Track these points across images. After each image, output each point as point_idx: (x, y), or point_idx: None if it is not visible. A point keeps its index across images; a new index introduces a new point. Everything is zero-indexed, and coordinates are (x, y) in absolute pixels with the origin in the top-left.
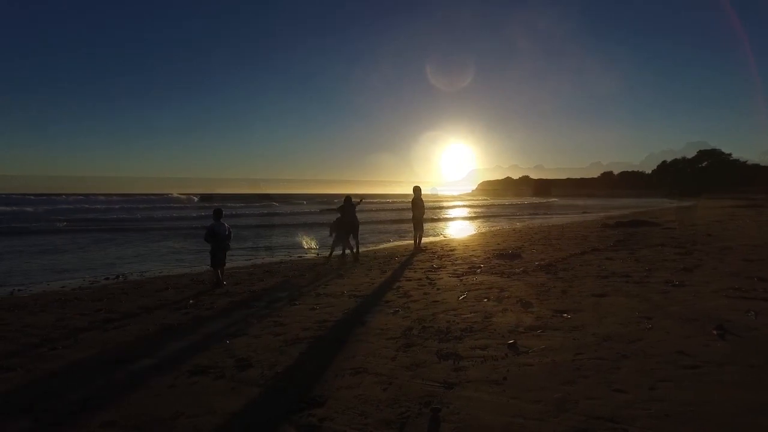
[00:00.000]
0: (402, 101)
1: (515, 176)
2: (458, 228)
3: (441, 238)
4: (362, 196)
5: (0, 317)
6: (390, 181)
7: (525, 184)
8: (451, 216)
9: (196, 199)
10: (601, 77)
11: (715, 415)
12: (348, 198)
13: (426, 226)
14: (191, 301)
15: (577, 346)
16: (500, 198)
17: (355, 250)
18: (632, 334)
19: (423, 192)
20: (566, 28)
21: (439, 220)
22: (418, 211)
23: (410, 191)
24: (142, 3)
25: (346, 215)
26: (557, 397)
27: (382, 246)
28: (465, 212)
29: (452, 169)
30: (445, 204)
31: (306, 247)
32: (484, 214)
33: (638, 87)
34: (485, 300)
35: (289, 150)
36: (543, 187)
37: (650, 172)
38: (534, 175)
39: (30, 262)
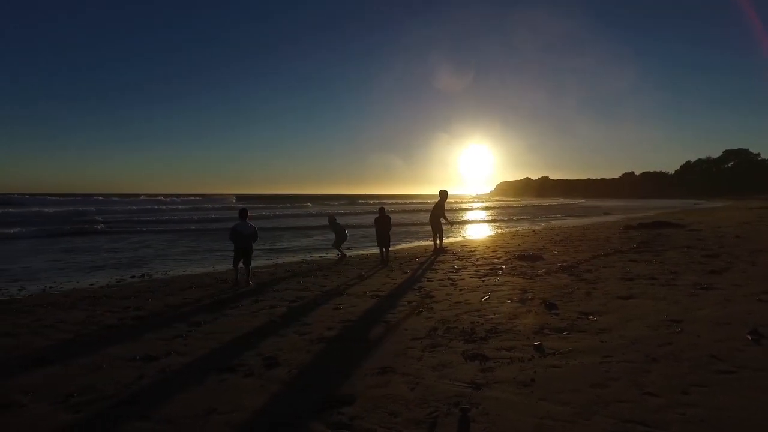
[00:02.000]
0: (417, 103)
1: (534, 177)
2: (478, 229)
3: (461, 238)
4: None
5: (35, 313)
6: (406, 181)
7: (545, 185)
8: (471, 217)
9: (233, 199)
10: (632, 80)
11: (753, 422)
12: (382, 209)
13: (444, 226)
14: (216, 300)
15: (604, 349)
16: (520, 199)
17: (386, 254)
18: (661, 337)
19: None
20: (593, 30)
21: (458, 221)
22: (437, 211)
23: (423, 191)
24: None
25: (380, 226)
26: (587, 399)
27: (401, 246)
28: (484, 214)
29: (470, 169)
30: (463, 205)
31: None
32: (503, 215)
33: (672, 91)
34: (508, 301)
35: (311, 153)
36: (563, 188)
37: (673, 172)
38: (554, 177)
39: (59, 261)
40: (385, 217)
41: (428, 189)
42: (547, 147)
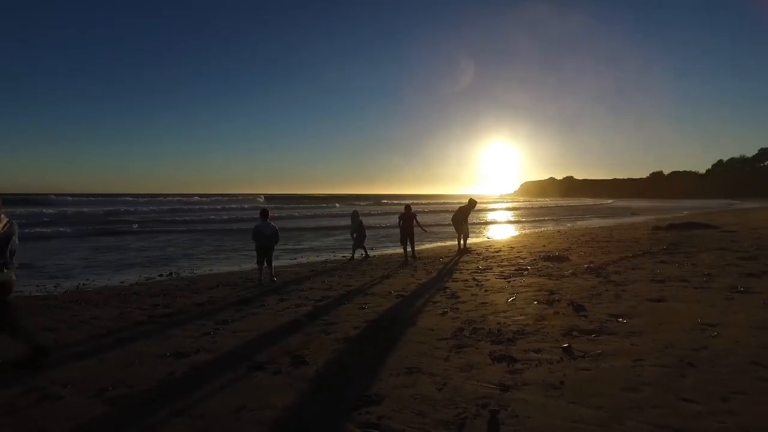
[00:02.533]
0: (442, 105)
1: (559, 177)
2: (502, 229)
3: (485, 239)
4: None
5: (71, 309)
6: (432, 181)
7: (570, 185)
8: (495, 218)
9: (262, 199)
10: (660, 76)
11: None
12: (408, 207)
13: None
14: (242, 298)
15: (636, 352)
16: (547, 199)
17: (412, 253)
18: (696, 341)
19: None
20: (622, 25)
21: (482, 221)
22: (461, 213)
23: (449, 191)
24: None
25: (406, 222)
26: (620, 403)
27: (425, 247)
28: (509, 214)
29: (494, 169)
30: (488, 206)
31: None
32: (528, 215)
33: (703, 86)
34: (535, 302)
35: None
36: (589, 188)
37: (704, 171)
38: (579, 177)
39: (90, 259)
40: (410, 215)
41: (453, 189)
42: (571, 146)
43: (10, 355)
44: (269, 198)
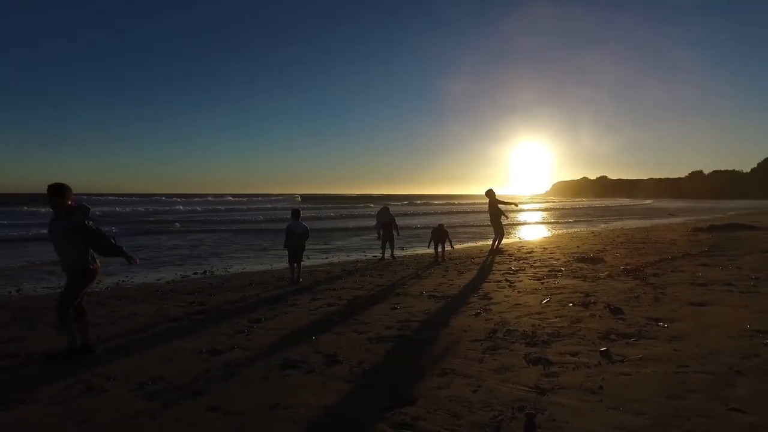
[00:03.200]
0: (471, 104)
1: (592, 177)
2: (534, 230)
3: (517, 240)
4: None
5: (112, 305)
6: (464, 181)
7: (604, 185)
8: (527, 219)
9: (298, 198)
10: (697, 69)
11: None
12: (441, 225)
13: (503, 221)
14: (274, 297)
15: (678, 358)
16: (583, 199)
17: (442, 254)
18: (745, 348)
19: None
20: (663, 18)
21: (514, 222)
22: (495, 212)
23: (479, 191)
24: None
25: (437, 232)
26: (663, 411)
27: (456, 247)
28: (541, 215)
29: (524, 169)
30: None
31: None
32: (560, 216)
33: (748, 81)
34: (570, 305)
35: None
36: (623, 187)
37: (749, 170)
38: (613, 176)
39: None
40: (443, 231)
41: (484, 189)
42: (605, 145)
43: (60, 348)
44: (305, 198)
